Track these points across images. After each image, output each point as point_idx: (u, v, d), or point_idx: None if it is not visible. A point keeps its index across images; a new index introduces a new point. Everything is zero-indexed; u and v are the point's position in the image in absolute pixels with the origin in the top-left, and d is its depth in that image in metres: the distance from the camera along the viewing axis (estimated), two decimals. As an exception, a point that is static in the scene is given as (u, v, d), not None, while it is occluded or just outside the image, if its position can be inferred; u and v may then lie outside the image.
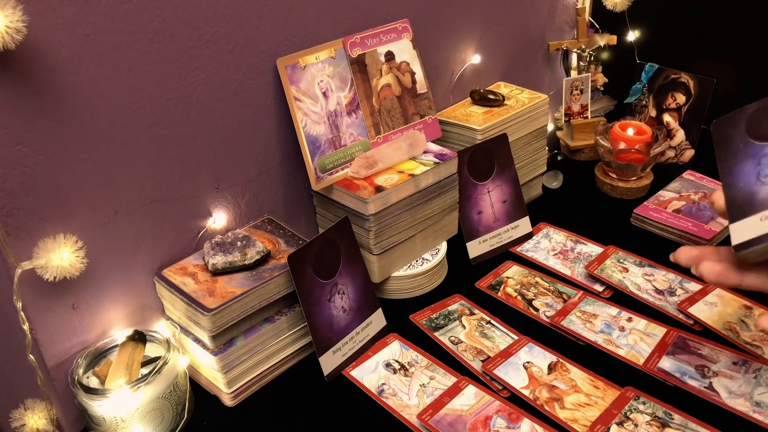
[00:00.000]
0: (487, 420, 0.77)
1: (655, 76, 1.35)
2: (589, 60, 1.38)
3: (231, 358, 0.81)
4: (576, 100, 1.35)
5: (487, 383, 0.84)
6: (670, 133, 1.32)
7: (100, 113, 0.75)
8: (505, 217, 1.11)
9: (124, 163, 0.79)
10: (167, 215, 0.86)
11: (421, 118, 1.05)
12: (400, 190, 0.94)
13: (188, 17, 0.80)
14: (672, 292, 0.97)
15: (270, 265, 0.86)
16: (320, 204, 1.02)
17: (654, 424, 0.76)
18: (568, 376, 0.83)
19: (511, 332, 0.92)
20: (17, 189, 0.70)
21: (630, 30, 1.38)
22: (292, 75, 0.91)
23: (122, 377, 0.76)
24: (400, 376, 0.85)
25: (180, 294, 0.81)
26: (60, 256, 0.70)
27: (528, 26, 1.32)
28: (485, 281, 1.03)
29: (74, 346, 0.80)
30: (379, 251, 0.95)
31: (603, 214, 1.20)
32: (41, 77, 0.69)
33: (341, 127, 0.97)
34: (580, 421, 0.77)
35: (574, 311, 0.95)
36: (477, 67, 1.23)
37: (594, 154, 1.35)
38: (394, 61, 1.02)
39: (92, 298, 0.80)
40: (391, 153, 0.98)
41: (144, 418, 0.75)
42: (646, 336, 0.89)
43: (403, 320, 0.96)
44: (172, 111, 0.82)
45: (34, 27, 0.66)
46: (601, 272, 1.02)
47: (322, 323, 0.85)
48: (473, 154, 1.06)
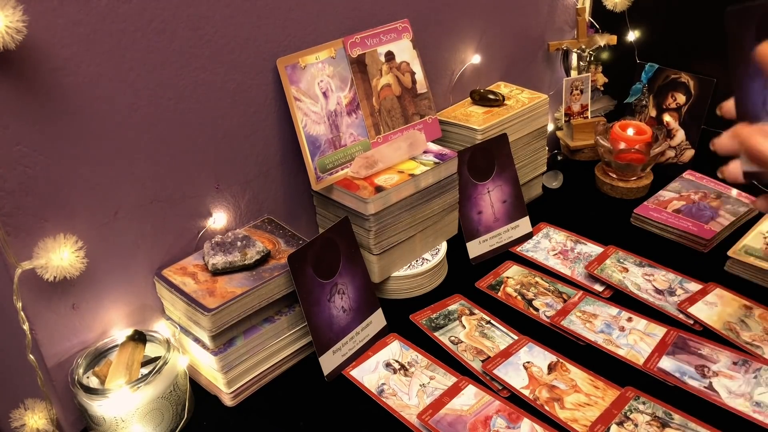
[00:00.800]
0: (487, 420, 0.77)
1: (655, 76, 1.35)
2: (589, 60, 1.38)
3: (231, 358, 0.81)
4: (576, 100, 1.35)
5: (487, 383, 0.84)
6: (670, 133, 1.32)
7: (101, 113, 0.75)
8: (505, 217, 1.11)
9: (124, 163, 0.79)
10: (167, 215, 0.86)
11: (421, 118, 1.05)
12: (400, 190, 0.94)
13: (188, 17, 0.80)
14: (672, 292, 0.97)
15: (270, 265, 0.86)
16: (320, 204, 1.02)
17: (654, 424, 0.76)
18: (568, 376, 0.83)
19: (511, 332, 0.92)
20: (17, 189, 0.70)
21: (630, 30, 1.38)
22: (292, 75, 0.91)
23: (122, 377, 0.76)
24: (400, 376, 0.85)
25: (180, 294, 0.81)
26: (60, 256, 0.70)
27: (528, 26, 1.32)
28: (485, 281, 1.03)
29: (74, 346, 0.80)
30: (379, 251, 0.95)
31: (603, 214, 1.20)
32: (41, 77, 0.69)
33: (341, 127, 0.97)
34: (580, 421, 0.77)
35: (574, 311, 0.95)
36: (477, 67, 1.23)
37: (594, 154, 1.35)
38: (394, 61, 1.02)
39: (92, 298, 0.80)
40: (391, 153, 0.98)
41: (144, 418, 0.75)
42: (646, 336, 0.89)
43: (403, 320, 0.96)
44: (172, 111, 0.82)
45: (34, 27, 0.66)
46: (601, 272, 1.02)
47: (322, 323, 0.85)
48: (473, 154, 1.06)
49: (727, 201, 1.14)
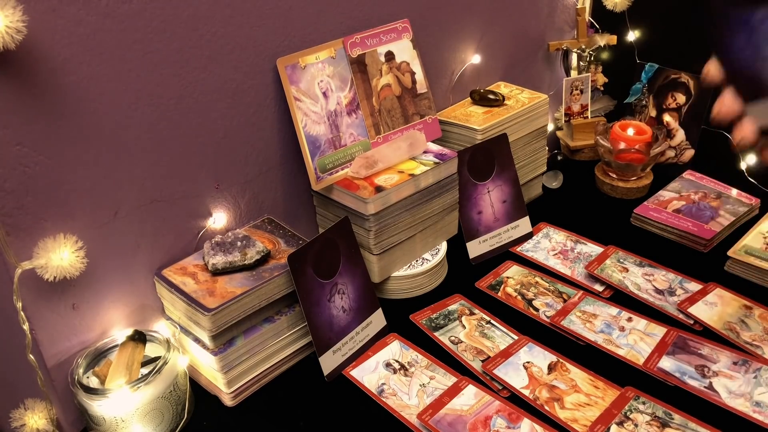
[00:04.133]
0: (487, 420, 0.77)
1: (655, 76, 1.35)
2: (589, 60, 1.38)
3: (231, 358, 0.81)
4: (576, 100, 1.35)
5: (487, 383, 0.84)
6: (670, 133, 1.32)
7: (100, 113, 0.75)
8: (505, 217, 1.11)
9: (124, 163, 0.79)
10: (167, 215, 0.86)
11: (421, 118, 1.05)
12: (400, 190, 0.94)
13: (188, 17, 0.80)
14: (672, 292, 0.97)
15: (270, 265, 0.86)
16: (320, 204, 1.02)
17: (654, 424, 0.76)
18: (568, 376, 0.83)
19: (511, 332, 0.92)
20: (17, 189, 0.70)
21: (630, 30, 1.38)
22: (292, 75, 0.91)
23: (122, 377, 0.76)
24: (400, 376, 0.85)
25: (180, 294, 0.81)
26: (60, 256, 0.70)
27: (528, 26, 1.32)
28: (485, 281, 1.03)
29: (74, 346, 0.80)
30: (379, 251, 0.95)
31: (603, 214, 1.20)
32: (41, 77, 0.69)
33: (341, 127, 0.97)
34: (580, 421, 0.77)
35: (574, 311, 0.95)
36: (477, 67, 1.23)
37: (594, 154, 1.35)
38: (394, 61, 1.02)
39: (92, 298, 0.80)
40: (391, 153, 0.98)
41: (144, 418, 0.75)
42: (646, 336, 0.89)
43: (403, 320, 0.96)
44: (172, 111, 0.82)
45: (34, 27, 0.66)
46: (601, 272, 1.02)
47: (322, 323, 0.85)
48: (473, 154, 1.06)
49: (727, 201, 1.14)
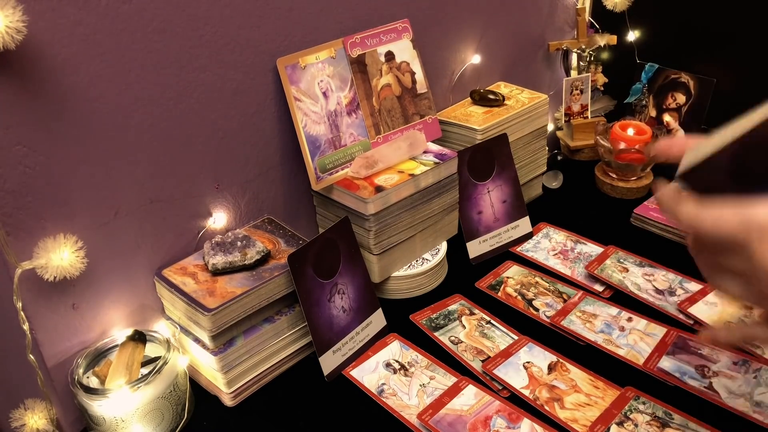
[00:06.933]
0: (487, 420, 0.77)
1: (655, 76, 1.35)
2: (589, 60, 1.38)
3: (231, 358, 0.81)
4: (576, 100, 1.35)
5: (487, 383, 0.84)
6: (670, 133, 1.32)
7: (101, 113, 0.75)
8: (505, 217, 1.11)
9: (124, 163, 0.79)
10: (167, 215, 0.86)
11: (421, 118, 1.05)
12: (400, 190, 0.94)
13: (188, 17, 0.80)
14: (672, 292, 0.97)
15: (270, 265, 0.86)
16: (320, 204, 1.02)
17: (654, 424, 0.76)
18: (568, 376, 0.83)
19: (511, 332, 0.92)
20: (17, 189, 0.70)
21: (630, 30, 1.38)
22: (292, 75, 0.91)
23: (122, 377, 0.76)
24: (400, 376, 0.85)
25: (180, 294, 0.81)
26: (60, 256, 0.70)
27: (528, 26, 1.32)
28: (485, 281, 1.03)
29: (74, 346, 0.80)
30: (379, 251, 0.95)
31: (603, 214, 1.20)
32: (41, 77, 0.69)
33: (341, 127, 0.97)
34: (580, 421, 0.77)
35: (574, 311, 0.95)
36: (477, 67, 1.23)
37: (594, 154, 1.35)
38: (394, 61, 1.02)
39: (92, 298, 0.80)
40: (391, 153, 0.98)
41: (144, 418, 0.75)
42: (646, 336, 0.89)
43: (403, 320, 0.96)
44: (172, 111, 0.82)
45: (34, 27, 0.66)
46: (601, 272, 1.02)
47: (322, 323, 0.85)
48: (473, 154, 1.06)
49: (727, 201, 1.14)
